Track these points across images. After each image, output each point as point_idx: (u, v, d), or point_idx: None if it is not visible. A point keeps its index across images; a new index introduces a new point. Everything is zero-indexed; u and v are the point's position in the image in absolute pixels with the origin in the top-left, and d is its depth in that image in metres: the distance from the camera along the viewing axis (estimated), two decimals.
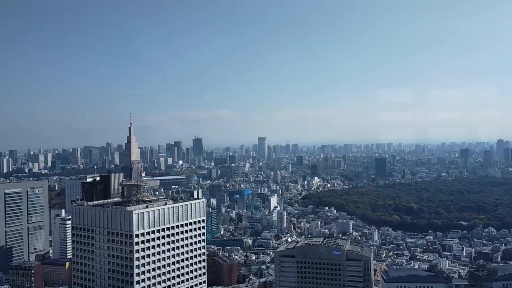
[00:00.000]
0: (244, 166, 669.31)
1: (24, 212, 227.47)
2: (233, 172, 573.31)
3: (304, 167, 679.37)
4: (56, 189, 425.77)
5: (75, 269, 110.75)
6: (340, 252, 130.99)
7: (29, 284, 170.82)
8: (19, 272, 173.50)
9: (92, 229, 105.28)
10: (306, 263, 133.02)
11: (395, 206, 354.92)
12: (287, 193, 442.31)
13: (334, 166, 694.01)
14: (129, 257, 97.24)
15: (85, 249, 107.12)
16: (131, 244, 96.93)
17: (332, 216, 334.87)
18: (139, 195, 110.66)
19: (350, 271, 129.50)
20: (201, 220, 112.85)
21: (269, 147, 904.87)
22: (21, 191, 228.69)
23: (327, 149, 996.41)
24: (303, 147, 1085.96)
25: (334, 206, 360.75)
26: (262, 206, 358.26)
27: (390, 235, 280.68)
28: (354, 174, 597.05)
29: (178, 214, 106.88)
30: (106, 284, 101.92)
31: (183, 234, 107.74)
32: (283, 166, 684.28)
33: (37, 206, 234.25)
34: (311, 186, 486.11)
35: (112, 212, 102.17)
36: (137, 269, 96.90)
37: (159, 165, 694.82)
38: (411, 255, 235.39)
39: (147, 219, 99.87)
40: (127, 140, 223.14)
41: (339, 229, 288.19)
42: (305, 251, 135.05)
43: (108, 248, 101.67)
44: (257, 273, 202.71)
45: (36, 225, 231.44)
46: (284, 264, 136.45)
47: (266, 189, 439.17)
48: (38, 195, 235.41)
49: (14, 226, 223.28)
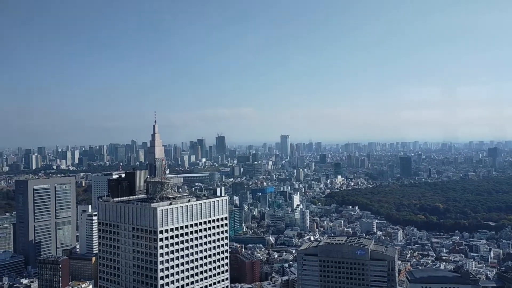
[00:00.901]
0: (267, 164, 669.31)
1: (52, 208, 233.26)
2: (256, 170, 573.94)
3: (328, 166, 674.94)
4: (83, 185, 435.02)
5: (101, 264, 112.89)
6: (364, 251, 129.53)
7: (57, 278, 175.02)
8: (47, 266, 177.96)
9: (118, 225, 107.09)
10: (329, 262, 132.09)
11: (421, 205, 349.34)
12: (310, 192, 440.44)
13: (358, 165, 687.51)
14: (153, 253, 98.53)
15: (110, 244, 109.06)
16: (155, 240, 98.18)
17: (355, 215, 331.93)
18: (163, 192, 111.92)
19: (374, 271, 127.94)
20: (224, 218, 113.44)
21: (292, 145, 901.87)
22: (49, 187, 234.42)
23: (351, 147, 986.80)
24: (326, 145, 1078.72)
25: (357, 205, 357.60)
26: (285, 204, 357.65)
27: (415, 235, 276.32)
28: (379, 173, 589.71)
29: (201, 211, 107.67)
30: (131, 279, 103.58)
31: (206, 231, 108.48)
32: (306, 164, 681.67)
33: (65, 202, 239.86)
34: (334, 185, 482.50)
35: (137, 208, 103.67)
36: (161, 264, 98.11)
37: (183, 162, 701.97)
38: (436, 255, 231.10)
39: (171, 216, 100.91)
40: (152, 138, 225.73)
41: (363, 229, 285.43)
42: (328, 250, 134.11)
43: (133, 244, 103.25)
44: (280, 271, 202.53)
45: (63, 220, 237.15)
46: (306, 263, 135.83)
47: (289, 187, 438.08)
48: (65, 191, 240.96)
49: (43, 221, 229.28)
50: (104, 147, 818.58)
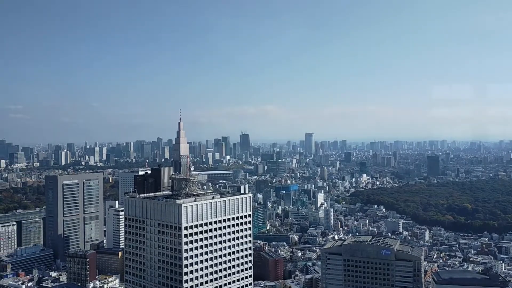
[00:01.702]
0: (291, 162, 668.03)
1: (80, 203, 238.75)
2: (280, 168, 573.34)
3: (352, 164, 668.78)
4: (110, 181, 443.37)
5: (127, 259, 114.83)
6: (389, 251, 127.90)
7: (84, 272, 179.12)
8: (75, 260, 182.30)
9: (144, 221, 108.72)
10: (354, 261, 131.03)
11: (448, 205, 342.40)
12: (334, 190, 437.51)
13: (384, 164, 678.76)
14: (178, 248, 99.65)
15: (136, 239, 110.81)
16: (180, 236, 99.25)
17: (381, 215, 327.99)
18: (188, 189, 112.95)
19: (399, 271, 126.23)
20: (247, 215, 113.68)
21: (316, 143, 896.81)
22: (78, 182, 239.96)
23: (376, 146, 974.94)
24: (351, 143, 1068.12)
25: (383, 204, 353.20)
26: (309, 202, 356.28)
27: (442, 235, 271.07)
28: (405, 172, 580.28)
29: (225, 208, 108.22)
30: (156, 274, 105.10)
31: (230, 228, 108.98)
32: (330, 162, 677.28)
33: (93, 197, 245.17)
34: (359, 184, 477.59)
35: (162, 204, 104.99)
36: (185, 260, 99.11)
37: (207, 159, 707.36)
38: (464, 257, 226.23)
39: (195, 212, 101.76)
40: (177, 135, 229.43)
41: (388, 228, 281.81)
42: (353, 249, 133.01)
43: (158, 239, 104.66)
44: (303, 270, 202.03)
45: (91, 215, 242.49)
46: (330, 262, 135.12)
47: (313, 186, 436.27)
48: (93, 186, 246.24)
49: (71, 216, 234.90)
50: (130, 144, 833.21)
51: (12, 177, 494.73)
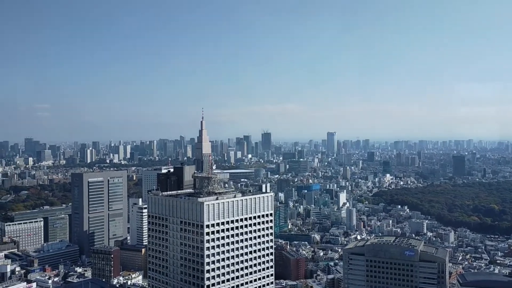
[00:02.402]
0: (313, 161, 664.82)
1: (105, 200, 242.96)
2: (302, 167, 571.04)
3: (376, 164, 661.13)
4: (134, 179, 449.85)
5: (150, 255, 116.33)
6: (413, 252, 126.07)
7: (109, 268, 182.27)
8: (100, 256, 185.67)
9: (166, 218, 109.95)
10: (376, 262, 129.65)
11: (474, 206, 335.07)
12: (356, 190, 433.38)
13: (408, 163, 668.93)
14: (200, 246, 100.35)
15: (159, 236, 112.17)
16: (201, 234, 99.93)
17: (404, 215, 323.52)
18: (210, 187, 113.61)
19: (423, 272, 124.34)
20: (269, 214, 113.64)
21: (339, 143, 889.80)
22: (102, 180, 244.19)
23: (400, 145, 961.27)
24: (374, 143, 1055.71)
25: (407, 204, 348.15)
26: (331, 202, 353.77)
27: (467, 237, 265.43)
28: (430, 172, 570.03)
29: (247, 207, 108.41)
30: (179, 271, 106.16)
31: (252, 226, 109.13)
32: (353, 162, 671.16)
33: (117, 194, 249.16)
34: (383, 183, 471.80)
35: (184, 202, 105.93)
36: (207, 258, 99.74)
37: (229, 158, 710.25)
38: (490, 259, 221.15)
39: (217, 211, 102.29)
40: (199, 134, 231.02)
41: (412, 229, 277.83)
42: (375, 250, 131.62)
43: (180, 237, 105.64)
44: (325, 269, 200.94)
45: (115, 212, 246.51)
46: (353, 262, 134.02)
47: (335, 185, 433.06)
48: (118, 184, 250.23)
49: (96, 213, 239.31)
50: (154, 143, 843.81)
51: (39, 174, 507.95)
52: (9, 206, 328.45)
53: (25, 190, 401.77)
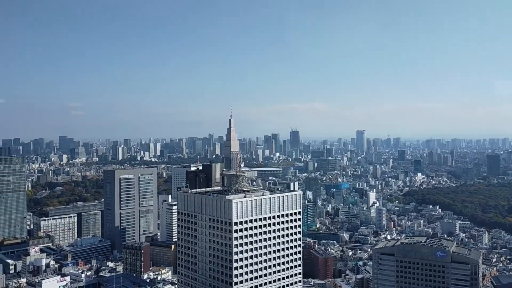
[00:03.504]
0: (342, 159, 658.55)
1: (136, 197, 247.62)
2: (330, 166, 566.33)
3: (406, 163, 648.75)
4: (164, 176, 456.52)
5: (179, 252, 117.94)
6: (445, 253, 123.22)
7: (139, 263, 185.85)
8: (131, 251, 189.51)
9: (195, 215, 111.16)
10: (407, 262, 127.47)
11: (510, 207, 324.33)
12: (387, 189, 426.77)
13: (440, 162, 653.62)
14: (228, 243, 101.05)
15: (188, 233, 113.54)
16: (230, 232, 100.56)
17: (436, 215, 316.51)
18: (238, 185, 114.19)
19: (455, 274, 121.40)
20: (297, 212, 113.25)
21: (369, 141, 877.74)
22: (133, 177, 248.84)
23: (432, 143, 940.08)
24: (405, 141, 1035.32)
25: (439, 204, 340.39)
26: (360, 201, 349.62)
27: (502, 238, 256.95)
28: (463, 171, 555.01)
29: (274, 205, 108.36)
30: (207, 268, 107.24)
31: (279, 224, 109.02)
32: (383, 160, 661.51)
33: (147, 191, 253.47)
34: (414, 183, 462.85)
35: (213, 200, 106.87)
36: (235, 255, 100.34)
37: (257, 156, 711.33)
38: None
39: (245, 208, 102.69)
40: (228, 132, 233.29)
41: (444, 229, 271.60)
42: (406, 250, 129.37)
43: (209, 234, 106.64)
44: (354, 269, 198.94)
45: (146, 208, 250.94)
46: (382, 262, 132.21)
47: (365, 184, 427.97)
48: (148, 181, 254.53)
49: (128, 209, 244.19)
50: (183, 140, 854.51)
51: (73, 171, 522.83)
52: (44, 201, 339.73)
53: (60, 186, 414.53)
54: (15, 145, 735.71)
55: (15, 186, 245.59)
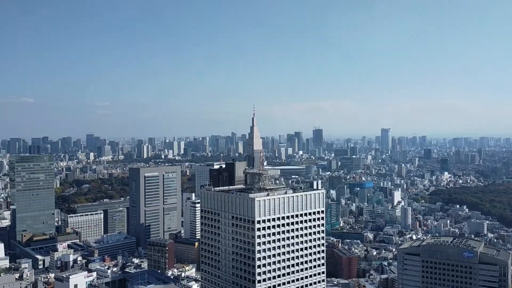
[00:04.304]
0: (366, 158, 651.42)
1: (160, 194, 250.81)
2: (354, 164, 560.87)
3: (433, 161, 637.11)
4: (187, 174, 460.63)
5: (203, 249, 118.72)
6: (472, 254, 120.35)
7: (164, 260, 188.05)
8: (156, 248, 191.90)
9: (218, 213, 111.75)
10: (432, 263, 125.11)
11: None
12: (412, 188, 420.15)
13: (468, 161, 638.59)
14: (251, 241, 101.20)
15: (212, 231, 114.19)
16: (253, 230, 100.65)
17: (463, 215, 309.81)
18: (261, 183, 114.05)
19: (483, 275, 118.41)
20: (320, 211, 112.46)
21: (394, 139, 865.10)
22: (158, 175, 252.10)
23: (459, 142, 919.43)
24: (431, 139, 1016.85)
25: (466, 204, 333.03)
26: (385, 200, 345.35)
27: None
28: (491, 170, 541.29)
29: (297, 203, 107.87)
30: (230, 265, 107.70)
31: (302, 223, 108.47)
32: (408, 159, 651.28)
33: (171, 189, 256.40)
34: (440, 182, 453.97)
35: (236, 198, 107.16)
36: (258, 253, 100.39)
37: (280, 155, 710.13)
38: None
39: (268, 207, 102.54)
40: (250, 130, 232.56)
41: (471, 230, 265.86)
42: (432, 250, 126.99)
43: (232, 232, 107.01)
44: (378, 269, 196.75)
45: (170, 206, 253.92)
46: (407, 262, 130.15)
47: (389, 183, 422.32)
48: (172, 179, 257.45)
49: (152, 206, 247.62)
50: (206, 139, 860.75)
51: (99, 168, 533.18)
52: (72, 198, 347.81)
53: (87, 184, 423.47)
54: (44, 144, 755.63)
55: (44, 183, 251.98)
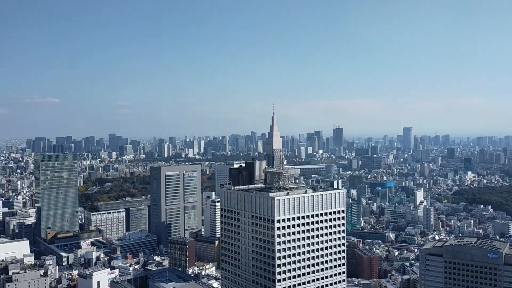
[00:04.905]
0: (387, 157, 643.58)
1: (181, 193, 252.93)
2: (375, 163, 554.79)
3: (456, 161, 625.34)
4: (207, 173, 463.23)
5: (223, 248, 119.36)
6: (497, 255, 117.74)
7: (184, 258, 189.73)
8: (176, 246, 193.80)
9: (238, 212, 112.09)
10: (456, 264, 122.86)
11: None
12: (435, 188, 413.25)
13: (492, 160, 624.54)
14: (271, 241, 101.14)
15: (232, 230, 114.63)
16: (272, 229, 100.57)
17: (488, 215, 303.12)
18: (281, 182, 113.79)
19: (508, 277, 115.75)
20: (341, 211, 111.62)
21: (416, 138, 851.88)
22: (178, 173, 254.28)
23: (483, 141, 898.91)
24: (455, 138, 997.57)
25: (490, 204, 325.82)
26: (407, 200, 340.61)
27: None
28: None
29: (317, 203, 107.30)
30: (250, 264, 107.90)
31: (323, 223, 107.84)
32: (431, 158, 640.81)
33: (192, 188, 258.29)
34: (464, 181, 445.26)
35: (255, 197, 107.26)
36: (278, 253, 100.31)
37: (300, 154, 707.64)
38: None
39: (288, 206, 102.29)
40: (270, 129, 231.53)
41: (496, 230, 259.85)
42: (455, 251, 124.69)
43: (251, 231, 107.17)
44: (400, 270, 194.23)
45: (190, 205, 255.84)
46: (430, 263, 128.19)
47: (411, 183, 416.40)
48: (192, 178, 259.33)
49: (173, 205, 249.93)
50: (226, 138, 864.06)
51: (121, 167, 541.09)
52: (95, 197, 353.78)
53: (109, 182, 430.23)
54: (67, 143, 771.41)
55: (67, 181, 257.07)
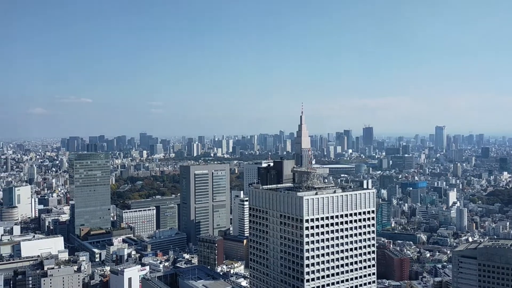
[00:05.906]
0: (419, 157, 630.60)
1: (209, 192, 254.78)
2: (406, 163, 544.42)
3: (491, 160, 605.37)
4: (236, 172, 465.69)
5: (251, 247, 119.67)
6: None
7: (213, 256, 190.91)
8: (205, 244, 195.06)
9: (266, 211, 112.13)
10: (490, 266, 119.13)
11: None
12: (468, 188, 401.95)
13: None
14: (300, 240, 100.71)
15: (260, 229, 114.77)
16: (301, 229, 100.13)
17: None
18: (309, 182, 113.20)
19: None
20: (370, 211, 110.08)
21: (448, 137, 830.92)
22: (207, 172, 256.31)
23: None
24: (489, 137, 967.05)
25: None
26: (439, 200, 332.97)
27: None
28: None
29: (347, 202, 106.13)
30: (279, 264, 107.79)
31: (352, 223, 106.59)
32: (464, 158, 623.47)
33: (220, 186, 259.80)
34: (499, 182, 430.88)
35: (284, 196, 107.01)
36: (306, 252, 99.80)
37: (328, 153, 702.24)
38: None
39: (317, 206, 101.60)
40: (298, 129, 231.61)
41: None
42: (489, 254, 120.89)
43: (280, 230, 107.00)
44: (432, 272, 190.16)
45: (219, 203, 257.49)
46: (463, 266, 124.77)
47: (444, 183, 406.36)
48: (221, 177, 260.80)
49: (202, 203, 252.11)
50: (254, 137, 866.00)
51: (152, 166, 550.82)
52: (126, 195, 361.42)
53: (140, 181, 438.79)
54: (100, 142, 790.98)
55: (100, 180, 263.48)
